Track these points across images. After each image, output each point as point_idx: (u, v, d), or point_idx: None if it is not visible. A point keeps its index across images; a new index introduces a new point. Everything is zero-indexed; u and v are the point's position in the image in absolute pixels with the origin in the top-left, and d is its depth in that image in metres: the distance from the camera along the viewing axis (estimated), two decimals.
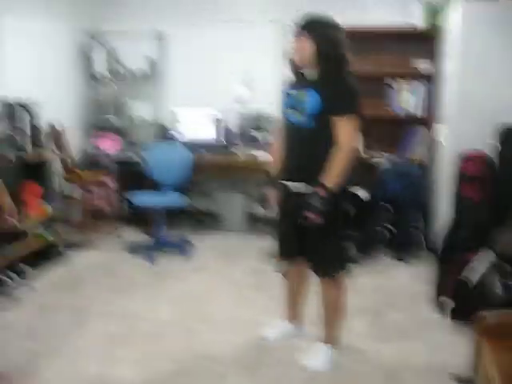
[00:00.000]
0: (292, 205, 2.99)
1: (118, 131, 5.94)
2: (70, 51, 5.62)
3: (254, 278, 4.39)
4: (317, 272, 3.08)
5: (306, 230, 2.93)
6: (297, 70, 2.97)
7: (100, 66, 5.77)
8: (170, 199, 5.02)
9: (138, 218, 5.56)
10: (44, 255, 4.65)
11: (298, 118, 2.88)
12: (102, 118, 5.90)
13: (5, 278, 4.13)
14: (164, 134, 5.78)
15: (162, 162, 5.23)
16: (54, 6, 5.31)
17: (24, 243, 4.39)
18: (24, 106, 4.55)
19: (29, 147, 4.57)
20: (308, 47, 2.81)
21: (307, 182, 2.89)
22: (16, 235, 4.31)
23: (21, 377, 2.98)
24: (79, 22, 5.69)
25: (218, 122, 5.58)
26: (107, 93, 5.84)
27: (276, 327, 3.43)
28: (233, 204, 5.68)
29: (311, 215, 2.78)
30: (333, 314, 3.12)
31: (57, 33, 5.39)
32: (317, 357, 3.11)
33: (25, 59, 4.93)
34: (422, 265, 4.61)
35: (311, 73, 2.89)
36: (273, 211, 3.25)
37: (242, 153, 5.39)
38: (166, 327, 3.57)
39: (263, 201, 3.26)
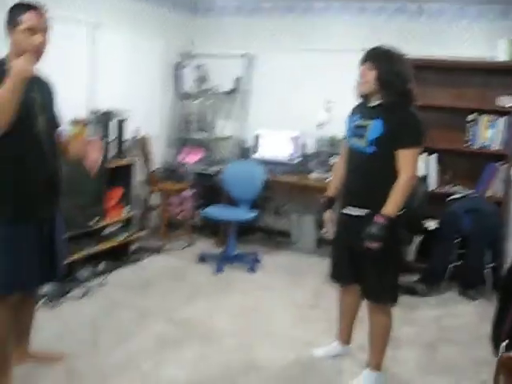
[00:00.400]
0: (348, 228, 3.08)
1: (201, 146, 6.23)
2: (161, 67, 5.97)
3: (316, 299, 4.44)
4: (367, 297, 3.12)
5: (361, 254, 2.99)
6: (362, 97, 3.06)
7: (189, 83, 6.09)
8: (242, 214, 5.19)
9: (211, 229, 5.80)
10: (118, 255, 4.95)
11: (359, 143, 2.97)
12: (187, 132, 6.20)
13: (81, 272, 4.46)
14: (244, 151, 6.00)
15: (238, 178, 5.43)
16: (148, 25, 5.69)
17: (101, 242, 4.72)
18: (113, 116, 4.90)
19: (115, 153, 4.93)
20: (370, 76, 2.90)
21: (364, 206, 2.96)
22: (94, 233, 4.65)
23: (74, 362, 3.23)
24: (172, 41, 6.04)
25: (296, 143, 5.72)
26: (194, 109, 6.12)
27: (327, 347, 3.49)
28: (304, 225, 5.77)
29: (370, 243, 2.84)
30: (378, 341, 3.14)
31: (149, 49, 5.74)
32: (360, 381, 3.14)
33: (117, 72, 5.31)
34: (488, 303, 4.48)
35: (374, 101, 2.97)
36: (329, 233, 3.31)
37: (316, 175, 5.47)
38: (221, 336, 3.71)
39: (321, 222, 3.33)
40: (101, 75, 5.09)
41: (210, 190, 5.83)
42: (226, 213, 5.23)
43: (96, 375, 3.12)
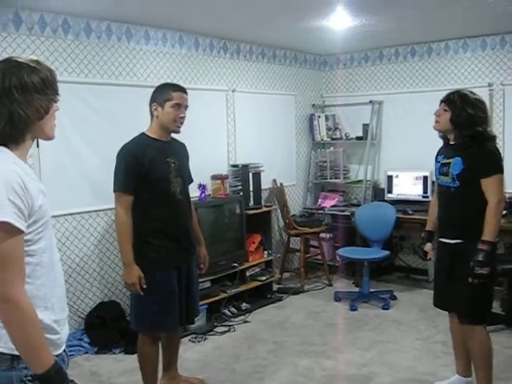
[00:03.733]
0: (445, 256, 3.28)
1: (337, 190, 6.60)
2: (294, 120, 6.50)
3: (446, 335, 4.47)
4: (458, 319, 3.26)
5: (460, 281, 3.15)
6: (442, 136, 3.34)
7: (322, 132, 6.54)
8: (374, 254, 5.43)
9: (349, 269, 6.08)
10: (261, 295, 5.42)
11: (445, 180, 3.23)
12: (323, 178, 6.60)
13: (226, 310, 4.99)
14: (377, 193, 6.26)
15: (370, 219, 5.69)
16: (281, 83, 6.29)
17: (244, 282, 5.23)
18: (250, 169, 5.47)
19: (253, 203, 5.47)
20: (444, 116, 3.18)
21: (455, 237, 3.19)
22: (238, 275, 5.16)
23: None
24: (303, 95, 6.59)
25: (426, 182, 5.87)
26: (327, 156, 6.52)
27: (447, 380, 3.59)
28: None
29: (481, 270, 3.02)
30: (478, 365, 3.24)
31: (283, 105, 6.31)
32: None
33: (253, 128, 5.91)
34: None
35: (452, 139, 3.23)
36: (432, 257, 3.54)
37: None
38: (348, 367, 3.98)
39: (422, 255, 3.60)
40: (239, 133, 5.73)
41: (346, 232, 6.15)
42: (359, 253, 5.50)
43: None
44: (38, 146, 4.06)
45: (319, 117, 6.57)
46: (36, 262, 1.61)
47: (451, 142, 3.25)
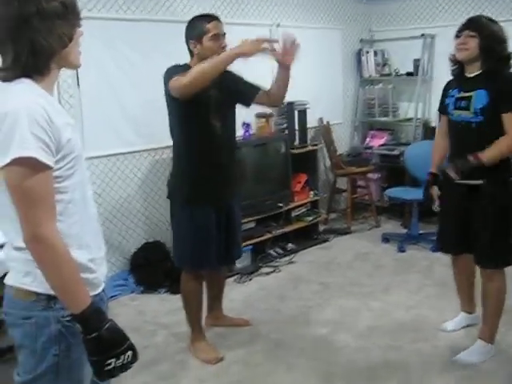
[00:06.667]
0: (462, 200, 3.08)
1: (386, 129, 6.37)
2: (342, 56, 6.23)
3: None
4: (479, 262, 3.10)
5: (475, 221, 3.01)
6: (455, 69, 3.07)
7: (370, 68, 6.27)
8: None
9: (398, 210, 5.92)
10: (307, 235, 5.34)
11: (465, 115, 2.96)
12: (371, 116, 6.37)
13: (271, 251, 4.95)
14: (428, 131, 6.00)
15: (420, 158, 5.45)
16: (327, 16, 6.01)
17: (289, 223, 5.15)
18: (296, 106, 5.28)
19: (299, 142, 5.32)
20: (472, 43, 2.88)
21: (478, 176, 2.95)
22: (283, 215, 5.07)
23: (258, 326, 3.69)
24: (351, 29, 6.29)
25: None
26: (376, 93, 6.26)
27: (455, 319, 3.55)
28: None
29: (450, 172, 2.95)
30: (491, 309, 3.11)
31: (330, 40, 6.04)
32: (470, 351, 3.17)
33: (299, 64, 5.63)
34: None
35: (472, 70, 2.94)
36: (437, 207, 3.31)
37: None
38: (396, 308, 3.90)
39: (428, 198, 3.34)
40: None
41: (394, 171, 5.96)
42: (408, 193, 5.32)
43: (276, 337, 3.54)
44: (78, 85, 4.01)
45: (367, 52, 6.28)
46: (68, 200, 1.54)
47: (468, 75, 2.98)
